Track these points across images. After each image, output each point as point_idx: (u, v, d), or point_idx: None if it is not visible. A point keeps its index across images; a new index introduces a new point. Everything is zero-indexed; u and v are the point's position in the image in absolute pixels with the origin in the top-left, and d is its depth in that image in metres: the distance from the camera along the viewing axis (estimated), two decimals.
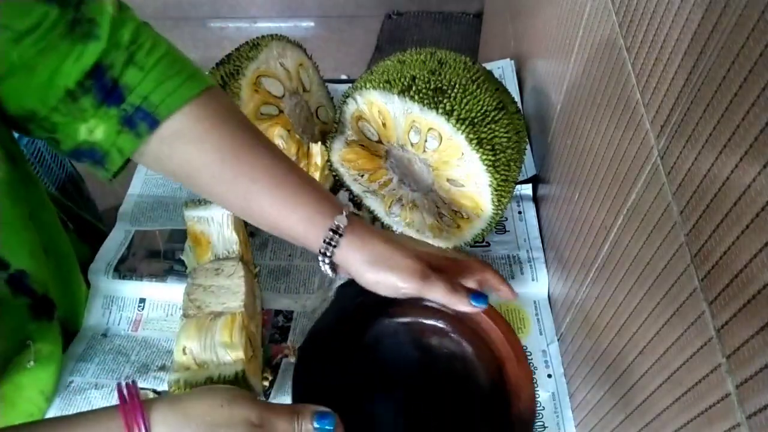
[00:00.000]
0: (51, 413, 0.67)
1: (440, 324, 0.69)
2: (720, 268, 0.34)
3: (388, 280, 0.54)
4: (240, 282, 0.69)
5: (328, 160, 0.78)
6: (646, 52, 0.44)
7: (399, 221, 0.79)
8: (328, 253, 0.55)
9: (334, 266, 0.57)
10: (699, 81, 0.36)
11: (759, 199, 0.30)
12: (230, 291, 0.68)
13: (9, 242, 0.57)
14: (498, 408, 0.62)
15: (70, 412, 0.67)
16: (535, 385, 0.61)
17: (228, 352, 0.62)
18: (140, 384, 0.69)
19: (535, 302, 0.74)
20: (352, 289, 0.66)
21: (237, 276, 0.69)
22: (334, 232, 0.54)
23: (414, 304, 0.68)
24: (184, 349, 0.63)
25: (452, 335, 0.69)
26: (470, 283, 0.60)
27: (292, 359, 0.71)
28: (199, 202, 0.73)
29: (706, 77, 0.35)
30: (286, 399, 0.67)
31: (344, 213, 0.55)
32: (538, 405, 0.67)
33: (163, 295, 0.76)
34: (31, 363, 0.62)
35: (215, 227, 0.72)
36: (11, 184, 0.57)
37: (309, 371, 0.62)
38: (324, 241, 0.54)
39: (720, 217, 0.34)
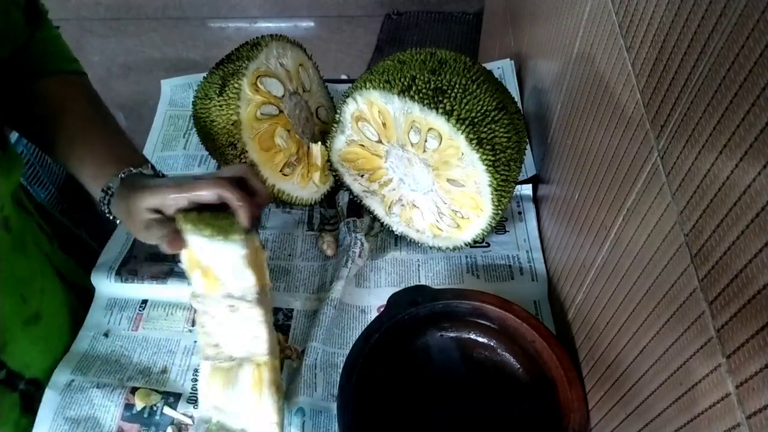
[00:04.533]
0: (49, 410, 0.67)
1: (490, 341, 0.69)
2: (720, 268, 0.34)
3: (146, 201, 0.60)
4: (261, 328, 0.61)
5: (328, 160, 0.78)
6: (646, 52, 0.44)
7: (399, 221, 0.79)
8: (104, 206, 0.65)
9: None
10: (699, 81, 0.36)
11: (759, 200, 0.30)
12: (250, 335, 0.61)
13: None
14: (547, 428, 0.62)
15: (71, 411, 0.67)
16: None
17: (261, 415, 0.60)
18: (143, 385, 0.69)
19: (535, 302, 0.74)
20: (404, 298, 0.67)
21: (256, 321, 0.61)
22: (106, 191, 0.64)
23: (466, 321, 0.69)
24: (213, 406, 0.61)
25: (502, 353, 0.68)
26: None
27: (295, 363, 0.71)
28: (202, 224, 0.57)
29: (706, 77, 0.35)
30: (293, 400, 0.67)
31: (120, 175, 0.64)
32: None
33: (164, 295, 0.76)
34: None
35: (225, 268, 0.59)
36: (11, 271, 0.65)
37: (357, 375, 0.62)
38: (100, 197, 0.65)
39: (720, 217, 0.34)
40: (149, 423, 0.66)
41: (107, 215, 0.66)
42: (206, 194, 0.57)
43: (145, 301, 0.77)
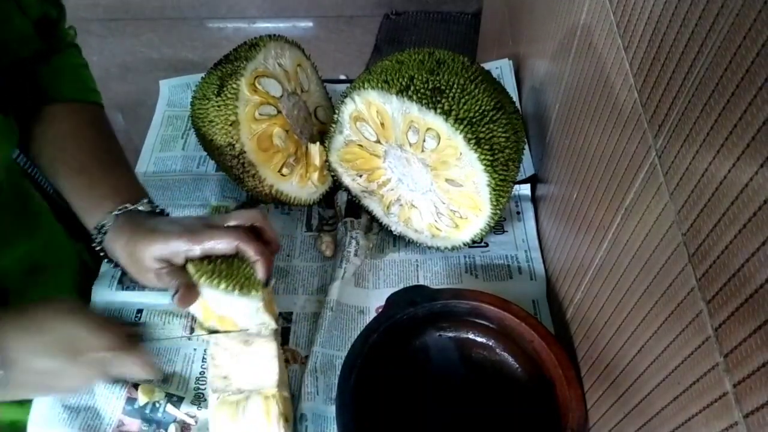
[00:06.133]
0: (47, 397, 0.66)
1: (489, 341, 0.69)
2: (718, 267, 0.34)
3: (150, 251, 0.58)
4: (274, 363, 0.62)
5: (327, 160, 0.78)
6: (644, 51, 0.44)
7: (397, 221, 0.79)
8: (96, 244, 0.63)
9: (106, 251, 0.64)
10: (696, 80, 0.36)
11: (756, 198, 0.30)
12: (262, 368, 0.62)
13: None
14: (546, 427, 0.62)
15: (71, 399, 0.67)
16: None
17: None
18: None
19: (534, 302, 0.74)
20: (402, 298, 0.67)
21: (270, 356, 0.62)
22: (98, 230, 0.62)
23: (465, 320, 0.69)
24: None
25: (501, 352, 0.68)
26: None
27: (299, 368, 0.70)
28: (218, 278, 0.56)
29: (703, 76, 0.35)
30: (297, 406, 0.67)
31: (114, 212, 0.61)
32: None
33: (165, 302, 0.76)
34: None
35: (242, 315, 0.59)
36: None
37: (355, 376, 0.62)
38: (93, 234, 0.63)
39: (718, 216, 0.34)
40: (151, 420, 0.66)
41: (100, 254, 0.64)
42: (222, 247, 0.55)
43: (140, 311, 0.76)
